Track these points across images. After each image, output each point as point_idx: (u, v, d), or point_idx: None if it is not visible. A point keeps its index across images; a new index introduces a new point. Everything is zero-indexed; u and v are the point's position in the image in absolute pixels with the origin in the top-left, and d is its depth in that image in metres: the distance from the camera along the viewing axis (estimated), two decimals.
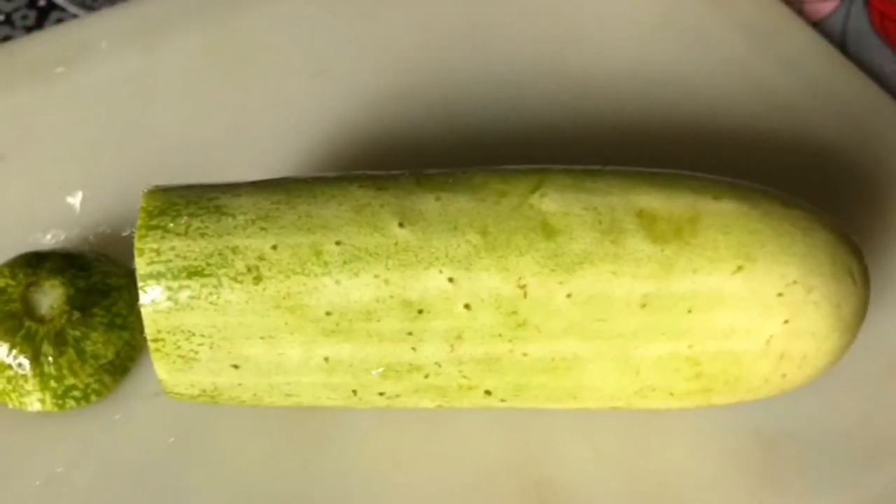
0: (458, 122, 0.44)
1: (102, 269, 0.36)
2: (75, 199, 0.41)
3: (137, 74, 0.45)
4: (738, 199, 0.31)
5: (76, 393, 0.35)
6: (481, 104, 0.44)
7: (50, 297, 0.35)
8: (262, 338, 0.30)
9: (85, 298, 0.35)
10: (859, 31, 0.48)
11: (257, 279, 0.30)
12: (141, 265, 0.30)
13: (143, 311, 0.30)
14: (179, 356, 0.31)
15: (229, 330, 0.30)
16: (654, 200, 0.31)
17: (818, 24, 0.48)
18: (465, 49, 0.46)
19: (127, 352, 0.36)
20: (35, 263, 0.36)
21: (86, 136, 0.43)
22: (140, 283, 0.30)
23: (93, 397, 0.35)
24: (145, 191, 0.32)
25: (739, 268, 0.30)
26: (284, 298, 0.30)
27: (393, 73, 0.45)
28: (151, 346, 0.30)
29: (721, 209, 0.31)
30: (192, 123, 0.43)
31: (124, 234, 0.40)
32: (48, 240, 0.40)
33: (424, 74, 0.45)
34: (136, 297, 0.35)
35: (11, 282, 0.35)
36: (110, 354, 0.35)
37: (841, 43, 0.48)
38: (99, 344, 0.35)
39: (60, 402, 0.35)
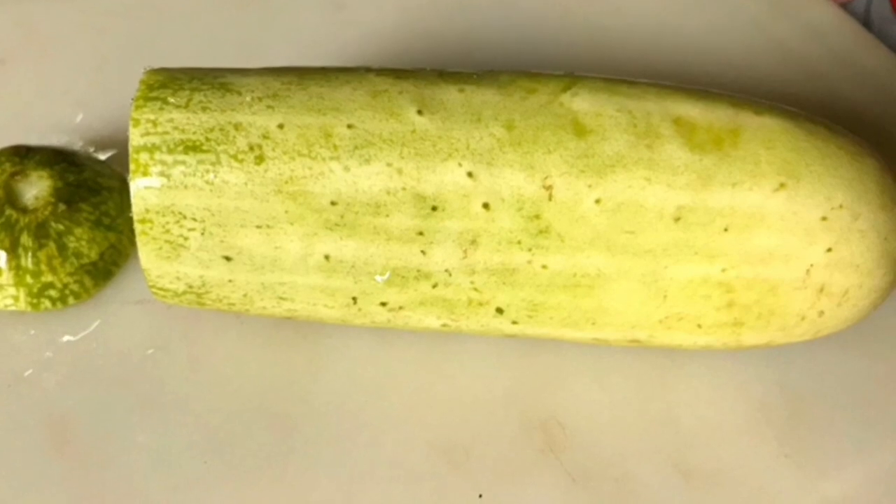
0: (476, 66, 0.40)
1: (95, 169, 0.32)
2: (76, 114, 0.37)
3: None
4: (780, 116, 0.27)
5: (53, 292, 0.30)
6: (501, 50, 0.40)
7: (36, 187, 0.30)
8: (258, 227, 0.26)
9: (73, 192, 0.31)
10: (882, 16, 0.44)
11: (259, 159, 0.25)
12: (135, 136, 0.26)
13: (131, 187, 0.26)
14: (167, 241, 0.26)
15: (224, 215, 0.26)
16: (692, 109, 0.27)
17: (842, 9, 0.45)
18: None
19: (112, 256, 0.31)
20: (24, 154, 0.31)
21: (94, 53, 0.39)
22: (132, 155, 0.26)
23: (70, 299, 0.30)
24: (147, 68, 0.28)
25: (782, 185, 0.26)
26: (287, 182, 0.25)
27: (414, 11, 0.41)
28: (137, 227, 0.26)
29: (763, 123, 0.27)
30: (206, 51, 0.39)
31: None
32: None
33: (446, 15, 0.41)
34: (127, 203, 0.31)
35: None
36: (93, 255, 0.31)
37: (864, 27, 0.44)
38: (83, 241, 0.30)
39: (35, 301, 0.30)
